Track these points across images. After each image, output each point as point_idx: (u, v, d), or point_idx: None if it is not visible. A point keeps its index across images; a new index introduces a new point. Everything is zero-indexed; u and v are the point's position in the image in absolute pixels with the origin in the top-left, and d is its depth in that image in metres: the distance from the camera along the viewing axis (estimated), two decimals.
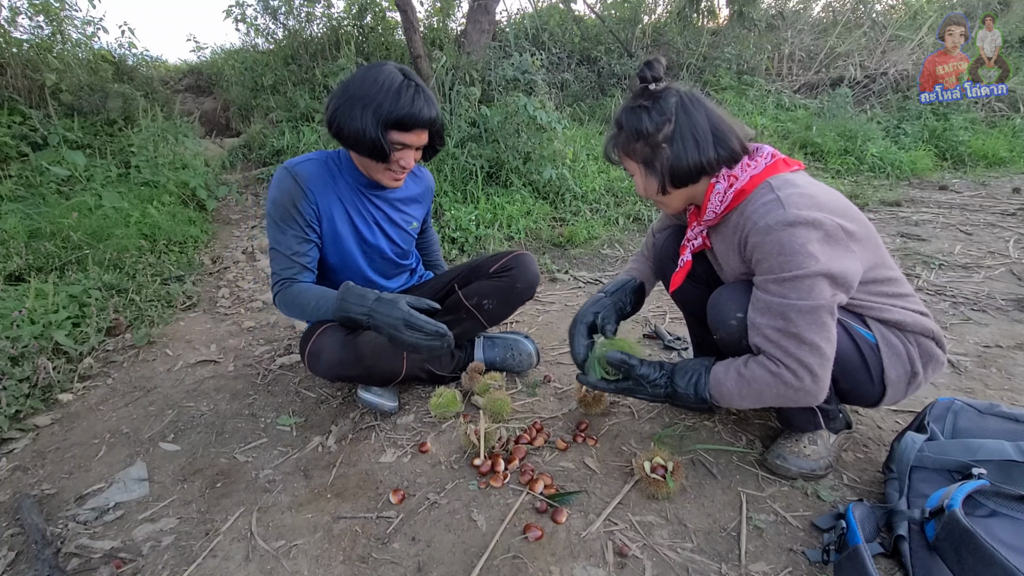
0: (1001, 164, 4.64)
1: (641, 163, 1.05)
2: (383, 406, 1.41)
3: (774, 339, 0.94)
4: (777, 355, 0.94)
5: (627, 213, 3.26)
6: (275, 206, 1.28)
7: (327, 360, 1.27)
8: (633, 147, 1.05)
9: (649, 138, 1.01)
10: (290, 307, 1.31)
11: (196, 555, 1.01)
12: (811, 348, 0.91)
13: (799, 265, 0.89)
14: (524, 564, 0.96)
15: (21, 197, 2.75)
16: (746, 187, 0.99)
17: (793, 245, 0.89)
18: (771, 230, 0.91)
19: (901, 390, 1.04)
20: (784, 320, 0.92)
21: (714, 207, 1.04)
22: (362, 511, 1.10)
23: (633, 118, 1.03)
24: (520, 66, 3.42)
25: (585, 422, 1.34)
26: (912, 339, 1.02)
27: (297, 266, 1.31)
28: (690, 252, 1.16)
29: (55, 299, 1.89)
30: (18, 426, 1.43)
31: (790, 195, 0.93)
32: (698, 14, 6.28)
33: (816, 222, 0.90)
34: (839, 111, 4.90)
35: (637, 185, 1.11)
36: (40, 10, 3.95)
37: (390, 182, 1.32)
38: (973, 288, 2.15)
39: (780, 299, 0.92)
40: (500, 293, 1.50)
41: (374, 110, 1.17)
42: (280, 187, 1.28)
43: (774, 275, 0.92)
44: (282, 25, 5.39)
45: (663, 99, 1.01)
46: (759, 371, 0.96)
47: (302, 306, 1.28)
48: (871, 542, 0.93)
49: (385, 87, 1.17)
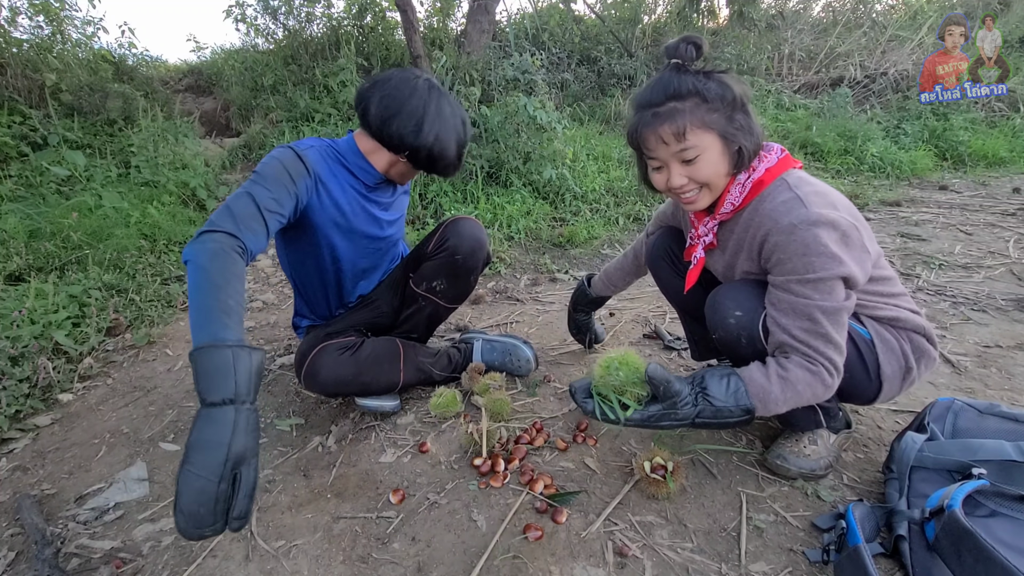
0: (1001, 164, 4.64)
1: (720, 136, 0.94)
2: (384, 407, 1.41)
3: (804, 339, 0.93)
4: (812, 355, 0.93)
5: (627, 213, 3.26)
6: (269, 164, 1.12)
7: (325, 378, 1.27)
8: (711, 117, 0.92)
9: (730, 105, 0.92)
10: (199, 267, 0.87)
11: (196, 555, 1.01)
12: (836, 348, 0.93)
13: (823, 267, 0.89)
14: (524, 564, 0.96)
15: (21, 197, 2.75)
16: (763, 178, 0.99)
17: (818, 246, 0.89)
18: (795, 229, 0.90)
19: (897, 386, 1.04)
20: (811, 321, 0.92)
21: (733, 199, 1.01)
22: (362, 511, 1.10)
23: (713, 85, 0.92)
24: (520, 66, 3.42)
25: (585, 422, 1.34)
26: (905, 335, 1.03)
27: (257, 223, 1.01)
28: (702, 249, 1.13)
29: (55, 299, 1.89)
30: (18, 426, 1.43)
31: (808, 194, 0.93)
32: (698, 14, 6.28)
33: (835, 223, 0.90)
34: (839, 111, 4.90)
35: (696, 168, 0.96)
36: (40, 10, 3.95)
37: (399, 178, 1.36)
38: (973, 288, 2.15)
39: (806, 300, 0.91)
40: (444, 271, 1.41)
41: (456, 133, 1.27)
42: (282, 154, 1.15)
43: (798, 276, 0.91)
44: (282, 25, 5.38)
45: (719, 77, 0.93)
46: (800, 372, 0.93)
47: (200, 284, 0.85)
48: (871, 542, 0.93)
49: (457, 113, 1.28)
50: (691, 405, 0.93)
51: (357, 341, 1.36)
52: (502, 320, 2.02)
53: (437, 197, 3.14)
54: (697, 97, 0.92)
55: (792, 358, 0.94)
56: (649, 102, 0.95)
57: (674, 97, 0.92)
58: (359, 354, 1.32)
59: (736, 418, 0.94)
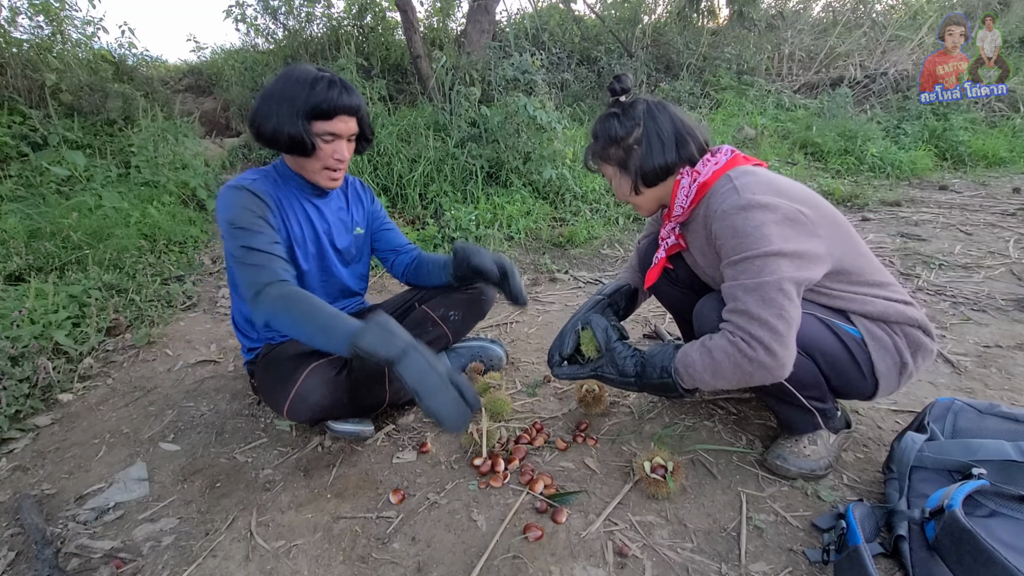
0: (1001, 164, 4.64)
1: (616, 166, 1.13)
2: (362, 433, 1.29)
3: (727, 317, 0.97)
4: (730, 328, 0.95)
5: (627, 213, 3.26)
6: (238, 214, 1.15)
7: (317, 404, 1.17)
8: (608, 152, 1.13)
9: (621, 141, 1.10)
10: (284, 308, 1.04)
11: (196, 555, 1.01)
12: (760, 323, 0.91)
13: (750, 246, 0.93)
14: (524, 564, 0.96)
15: (21, 197, 2.75)
16: (708, 180, 1.05)
17: (746, 227, 0.93)
18: (726, 215, 0.96)
19: (893, 381, 1.04)
20: (733, 300, 0.95)
21: (680, 202, 1.10)
22: (362, 511, 1.10)
23: (606, 125, 1.12)
24: (520, 66, 3.42)
25: (585, 422, 1.34)
26: (898, 330, 1.03)
27: (279, 260, 1.13)
28: (664, 249, 1.21)
29: (55, 299, 1.89)
30: (18, 426, 1.43)
31: (747, 183, 0.98)
32: (698, 14, 6.28)
33: (771, 205, 0.94)
34: (839, 111, 4.90)
35: (615, 188, 1.19)
36: (40, 10, 3.95)
37: (327, 181, 1.25)
38: (973, 288, 2.15)
39: (732, 282, 0.96)
40: (466, 305, 1.49)
41: (290, 102, 1.13)
42: (240, 198, 1.17)
43: (729, 259, 0.97)
44: (282, 25, 5.39)
45: (632, 107, 1.10)
46: (719, 340, 0.96)
47: (306, 313, 1.03)
48: (871, 542, 0.93)
49: (300, 81, 1.14)
50: (631, 363, 1.08)
51: (343, 360, 1.24)
52: (502, 320, 2.02)
53: (437, 197, 3.14)
54: (602, 137, 1.13)
55: (719, 332, 0.99)
56: (591, 133, 1.18)
57: (592, 135, 1.17)
58: (353, 374, 1.23)
59: (659, 381, 1.04)
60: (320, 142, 1.18)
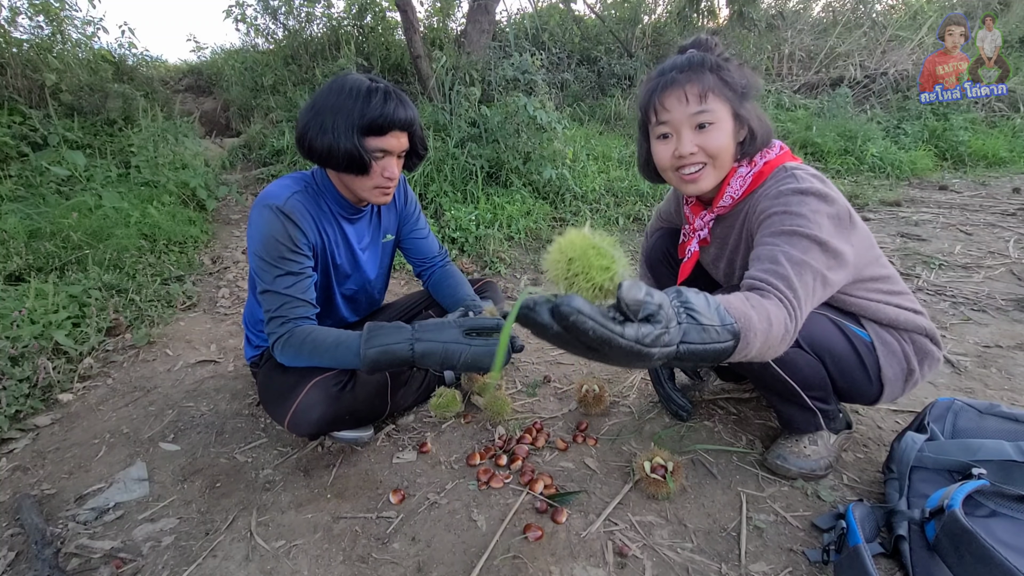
0: (1001, 164, 4.64)
1: (733, 114, 0.97)
2: (361, 438, 1.29)
3: (763, 277, 0.83)
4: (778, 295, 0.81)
5: (627, 213, 3.26)
6: (266, 246, 1.13)
7: (320, 417, 1.15)
8: (729, 94, 0.96)
9: (745, 93, 0.97)
10: (300, 351, 1.13)
11: (196, 555, 1.01)
12: (799, 301, 0.81)
13: (804, 225, 0.87)
14: (524, 564, 0.96)
15: (21, 197, 2.75)
16: (764, 170, 1.00)
17: (801, 209, 0.89)
18: (782, 194, 0.92)
19: (899, 387, 1.04)
20: (773, 263, 0.85)
21: (733, 191, 1.02)
22: (362, 511, 1.10)
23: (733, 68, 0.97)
24: (520, 66, 3.42)
25: (585, 422, 1.34)
26: (907, 337, 1.03)
27: (301, 304, 1.16)
28: (696, 242, 1.14)
29: (55, 299, 1.89)
30: (18, 426, 1.43)
31: (806, 175, 0.95)
32: (698, 14, 6.28)
33: (829, 197, 0.91)
34: (839, 111, 4.90)
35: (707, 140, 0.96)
36: (40, 10, 3.95)
37: (379, 198, 1.20)
38: (973, 288, 2.15)
39: (771, 247, 0.87)
40: None
41: (345, 117, 1.07)
42: (271, 226, 1.13)
43: (774, 228, 0.89)
44: (282, 25, 5.39)
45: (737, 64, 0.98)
46: (774, 308, 0.77)
47: (317, 349, 1.12)
48: (871, 542, 0.93)
49: (353, 93, 1.09)
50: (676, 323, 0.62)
51: (345, 374, 1.22)
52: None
53: (437, 197, 3.14)
54: (719, 72, 0.95)
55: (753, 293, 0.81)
56: (674, 67, 0.97)
57: (700, 65, 0.95)
58: (356, 388, 1.21)
59: (721, 343, 0.66)
60: (370, 159, 1.13)
